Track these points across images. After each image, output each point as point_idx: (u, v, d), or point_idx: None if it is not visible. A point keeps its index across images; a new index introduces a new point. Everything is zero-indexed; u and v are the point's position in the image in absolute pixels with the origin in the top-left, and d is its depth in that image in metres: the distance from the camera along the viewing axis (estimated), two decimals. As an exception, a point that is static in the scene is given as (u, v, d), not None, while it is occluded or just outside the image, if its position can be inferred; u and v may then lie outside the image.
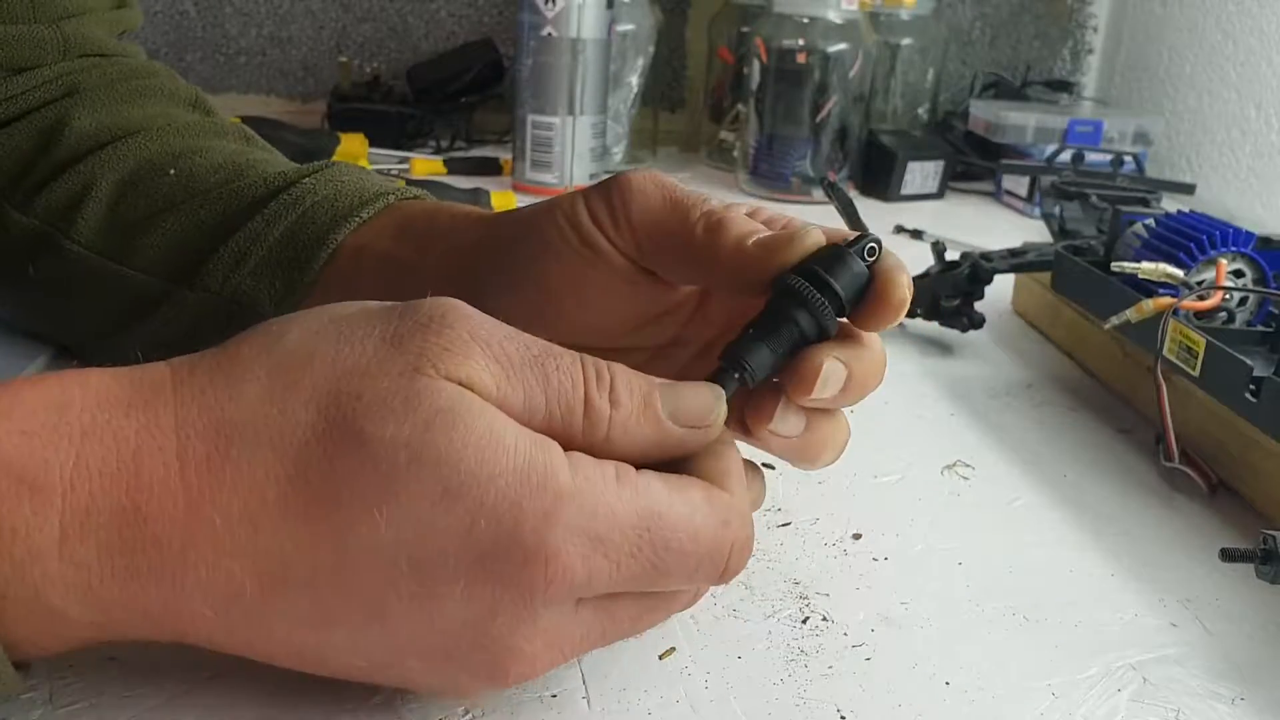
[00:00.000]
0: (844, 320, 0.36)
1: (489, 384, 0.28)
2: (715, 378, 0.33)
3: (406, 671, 0.29)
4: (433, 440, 0.26)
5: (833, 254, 0.35)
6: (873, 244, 0.35)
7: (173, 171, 0.50)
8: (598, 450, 0.29)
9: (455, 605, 0.27)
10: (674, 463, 0.31)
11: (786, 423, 0.35)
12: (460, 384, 0.28)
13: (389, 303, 0.30)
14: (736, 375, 0.34)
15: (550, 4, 0.96)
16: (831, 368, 0.34)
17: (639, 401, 0.30)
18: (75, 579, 0.26)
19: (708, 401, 0.32)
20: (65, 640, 0.28)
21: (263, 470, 0.26)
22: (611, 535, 0.28)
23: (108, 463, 0.26)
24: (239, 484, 0.26)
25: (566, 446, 0.29)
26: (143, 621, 0.27)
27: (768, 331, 0.34)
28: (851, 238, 0.36)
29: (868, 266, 0.35)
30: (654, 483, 0.29)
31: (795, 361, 0.35)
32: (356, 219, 0.46)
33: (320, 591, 0.27)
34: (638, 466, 0.30)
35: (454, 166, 1.06)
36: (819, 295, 0.34)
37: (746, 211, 0.41)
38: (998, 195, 1.15)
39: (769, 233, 0.36)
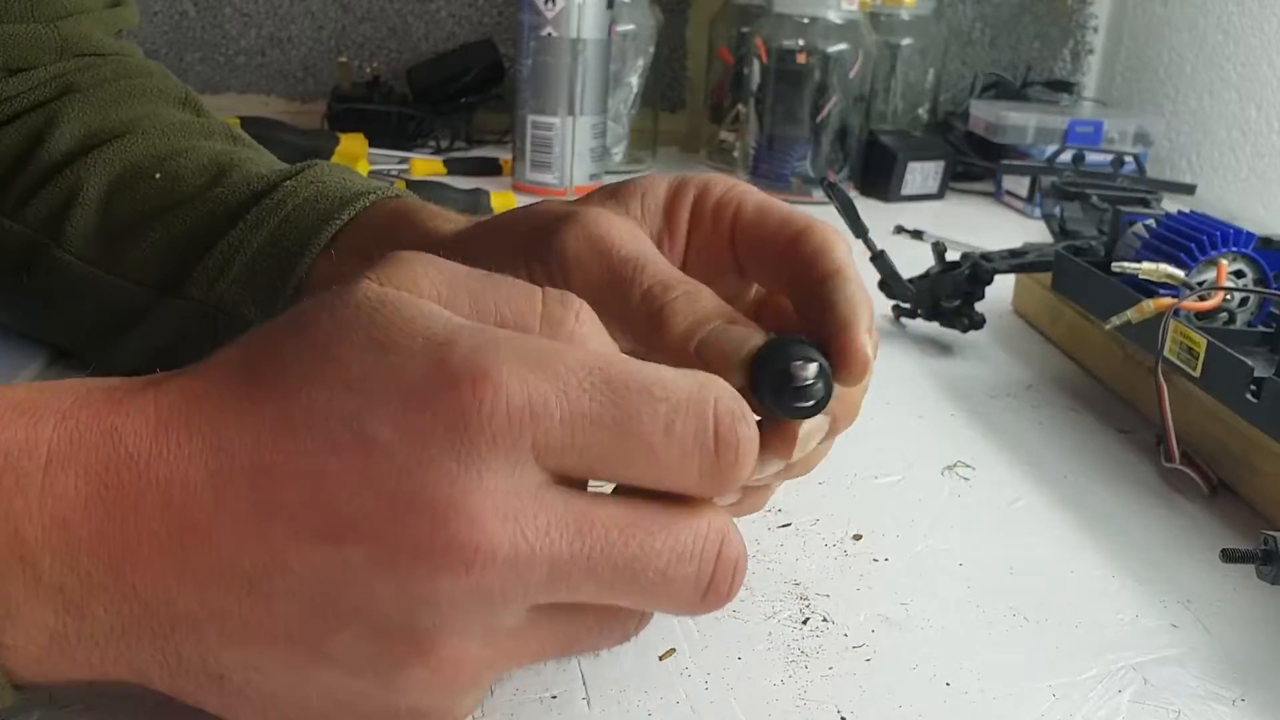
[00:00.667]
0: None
1: (429, 289, 0.28)
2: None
3: (351, 572, 0.26)
4: (366, 313, 0.27)
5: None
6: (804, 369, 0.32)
7: (158, 175, 0.50)
8: None
9: (389, 451, 0.25)
10: None
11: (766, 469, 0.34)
12: (401, 288, 0.28)
13: None
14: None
15: (550, 4, 0.96)
16: (808, 429, 0.33)
17: (608, 340, 0.29)
18: (54, 512, 0.26)
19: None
20: (29, 624, 0.27)
21: (224, 380, 0.28)
22: (556, 366, 0.26)
23: (100, 400, 0.28)
24: (202, 398, 0.28)
25: None
26: (103, 580, 0.27)
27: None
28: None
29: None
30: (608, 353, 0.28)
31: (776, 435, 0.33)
32: (338, 220, 0.47)
33: (260, 474, 0.26)
34: None
35: (454, 167, 1.06)
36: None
37: (754, 205, 0.39)
38: (998, 195, 1.15)
39: (712, 331, 0.32)
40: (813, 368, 0.31)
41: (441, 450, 0.25)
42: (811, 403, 0.31)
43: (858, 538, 0.45)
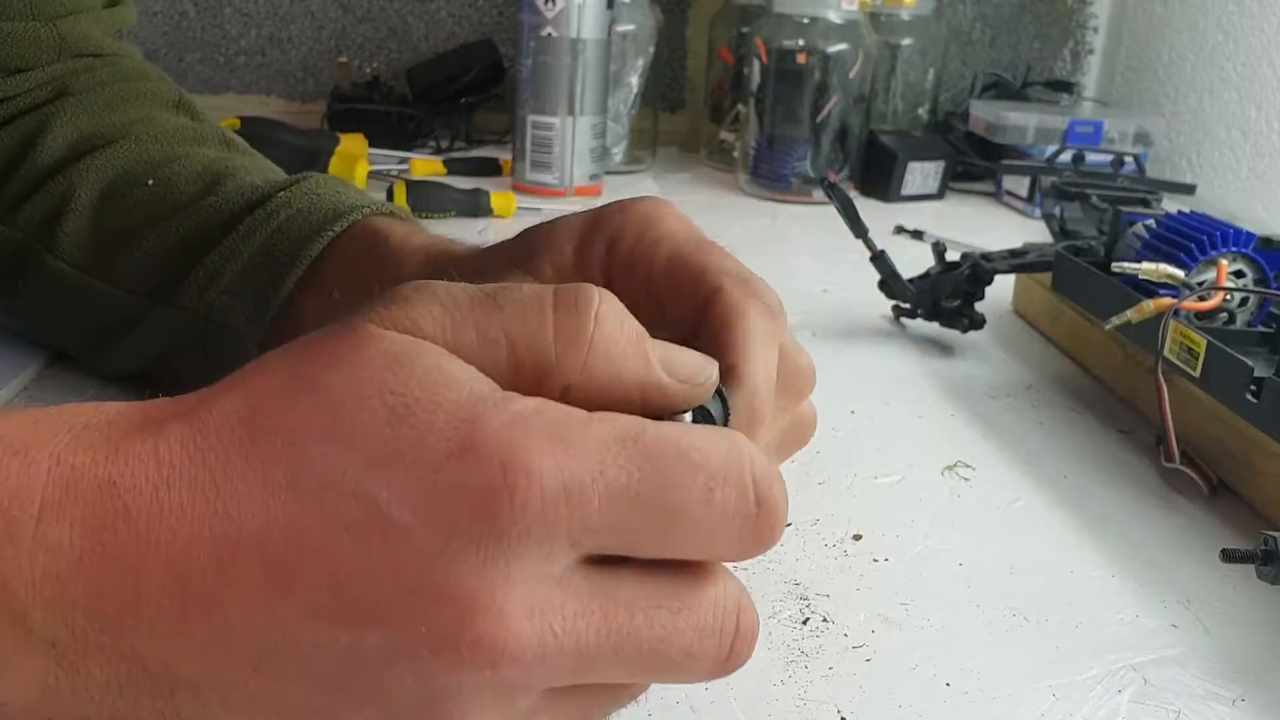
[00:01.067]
0: None
1: (434, 329, 0.27)
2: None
3: (367, 657, 0.25)
4: (378, 376, 0.25)
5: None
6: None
7: (151, 182, 0.50)
8: (574, 378, 0.27)
9: (410, 537, 0.24)
10: None
11: None
12: (406, 332, 0.27)
13: None
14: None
15: (550, 4, 0.96)
16: None
17: (631, 332, 0.27)
18: (46, 566, 0.25)
19: (699, 360, 0.29)
20: (19, 677, 0.25)
21: (230, 434, 0.26)
22: (587, 443, 0.24)
23: (96, 443, 0.26)
24: (207, 452, 0.26)
25: (540, 378, 0.26)
26: (99, 640, 0.25)
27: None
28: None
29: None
30: (633, 416, 0.26)
31: None
32: (330, 232, 0.46)
33: (271, 549, 0.25)
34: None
35: (454, 167, 1.06)
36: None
37: (664, 261, 0.36)
38: (998, 196, 1.15)
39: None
40: None
41: (468, 541, 0.24)
42: None
43: (858, 538, 0.45)
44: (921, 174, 1.13)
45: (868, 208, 1.00)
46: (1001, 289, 0.73)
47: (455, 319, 0.27)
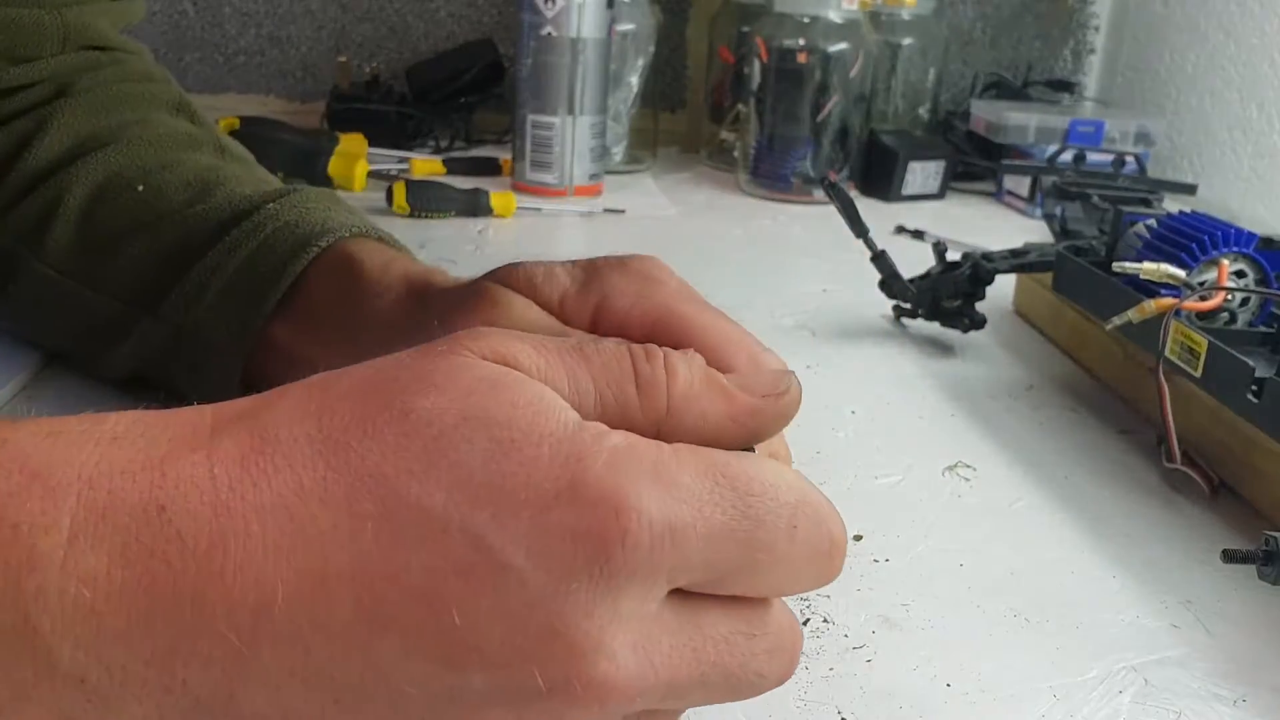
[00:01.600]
0: None
1: (530, 365, 0.26)
2: None
3: (471, 697, 0.24)
4: (479, 403, 0.25)
5: None
6: None
7: (141, 187, 0.50)
8: (664, 430, 0.27)
9: (523, 578, 0.23)
10: None
11: None
12: (503, 363, 0.26)
13: None
14: None
15: (550, 4, 0.96)
16: None
17: (699, 372, 0.28)
18: (78, 599, 0.23)
19: (773, 374, 0.29)
20: (38, 709, 0.23)
21: (300, 457, 0.24)
22: (683, 479, 0.25)
23: (133, 462, 0.24)
24: (274, 475, 0.24)
25: (626, 430, 0.26)
26: (142, 674, 0.23)
27: None
28: None
29: None
30: (714, 449, 0.27)
31: None
32: (315, 247, 0.46)
33: (364, 584, 0.23)
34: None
35: (453, 166, 1.06)
36: None
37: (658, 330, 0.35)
38: (999, 195, 1.15)
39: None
40: None
41: (580, 582, 0.24)
42: None
43: (858, 538, 0.45)
44: (922, 174, 1.13)
45: (868, 207, 1.00)
46: (1002, 289, 0.73)
47: (549, 361, 0.27)
